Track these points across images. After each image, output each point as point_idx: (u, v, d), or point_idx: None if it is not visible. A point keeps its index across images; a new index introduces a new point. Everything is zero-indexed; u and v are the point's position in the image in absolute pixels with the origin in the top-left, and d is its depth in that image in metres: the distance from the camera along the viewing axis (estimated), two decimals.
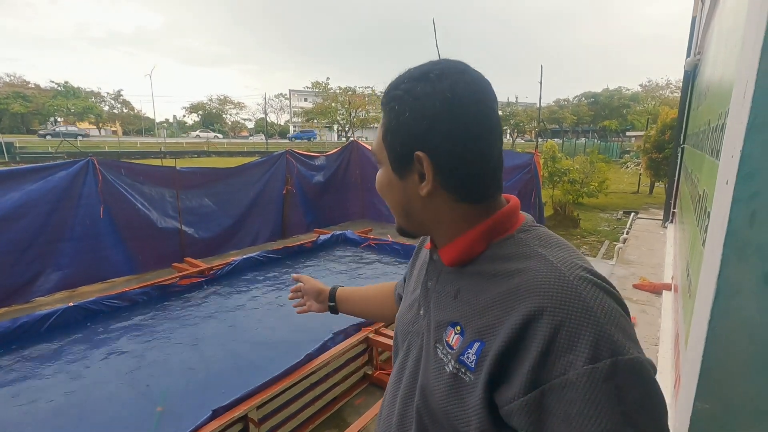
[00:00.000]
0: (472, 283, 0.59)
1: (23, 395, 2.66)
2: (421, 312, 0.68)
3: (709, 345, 0.87)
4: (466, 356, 0.54)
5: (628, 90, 48.45)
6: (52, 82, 46.45)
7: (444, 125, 0.55)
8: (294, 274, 1.18)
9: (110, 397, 2.64)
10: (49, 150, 23.65)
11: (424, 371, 0.62)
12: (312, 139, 47.00)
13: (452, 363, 0.56)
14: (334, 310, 1.13)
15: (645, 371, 0.46)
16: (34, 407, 2.55)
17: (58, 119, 49.86)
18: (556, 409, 0.45)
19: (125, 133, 55.70)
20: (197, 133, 51.75)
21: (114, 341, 3.29)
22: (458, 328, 0.57)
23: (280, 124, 61.30)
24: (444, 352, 0.58)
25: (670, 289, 3.27)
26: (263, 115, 51.16)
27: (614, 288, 0.52)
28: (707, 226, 1.30)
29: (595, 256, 7.19)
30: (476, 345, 0.54)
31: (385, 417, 0.72)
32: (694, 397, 0.89)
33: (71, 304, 3.48)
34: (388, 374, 2.93)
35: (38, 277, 4.34)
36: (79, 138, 34.94)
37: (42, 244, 4.30)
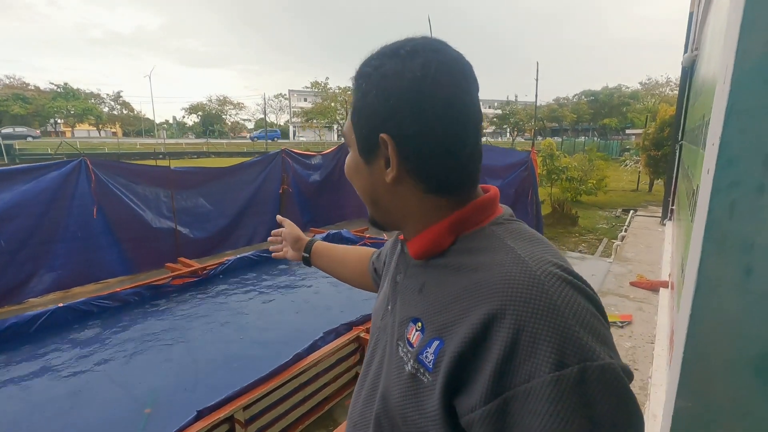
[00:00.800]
0: (436, 277, 0.55)
1: (11, 397, 2.64)
2: (389, 307, 0.64)
3: (690, 341, 0.83)
4: (424, 355, 0.50)
5: (628, 88, 48.38)
6: (52, 83, 46.54)
7: (411, 107, 0.50)
8: (279, 216, 1.15)
9: (98, 399, 2.61)
10: (49, 152, 23.64)
11: (387, 372, 0.58)
12: (276, 139, 43.67)
13: (411, 362, 0.52)
14: (307, 261, 1.09)
15: (618, 379, 0.40)
16: (21, 409, 2.52)
17: (58, 121, 49.97)
18: (519, 421, 0.41)
19: (125, 135, 55.78)
20: (254, 135, 49.99)
21: (104, 342, 3.26)
22: (419, 324, 0.53)
23: (279, 125, 61.30)
24: (405, 350, 0.54)
25: (668, 287, 3.24)
26: (263, 116, 51.12)
27: (588, 285, 0.48)
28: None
29: (593, 254, 7.16)
30: (435, 343, 0.49)
31: (349, 415, 0.69)
32: (675, 396, 0.86)
33: (61, 305, 3.45)
34: None
35: (31, 279, 4.31)
36: (29, 138, 32.53)
37: (35, 245, 4.27)
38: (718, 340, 0.79)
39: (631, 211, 8.35)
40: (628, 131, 40.62)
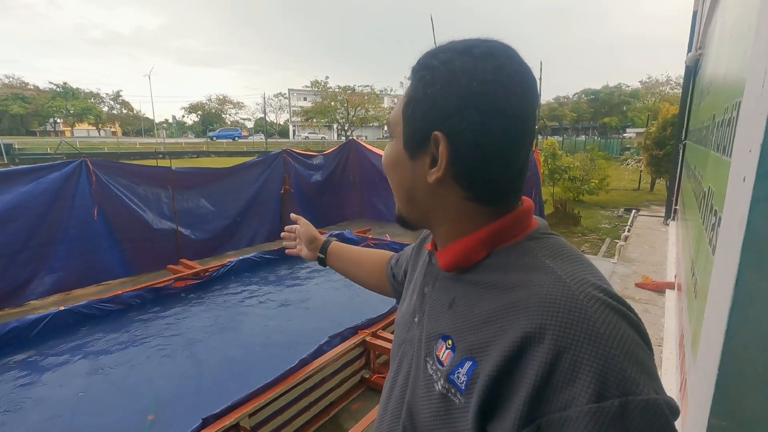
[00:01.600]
0: (468, 293, 0.52)
1: (12, 402, 2.60)
2: (416, 319, 0.62)
3: (726, 357, 0.79)
4: (456, 375, 0.48)
5: (628, 87, 48.35)
6: (51, 83, 46.50)
7: (475, 109, 0.48)
8: (293, 214, 1.14)
9: (100, 405, 2.58)
10: (48, 151, 23.58)
11: (413, 387, 0.56)
12: (237, 138, 41.65)
13: (441, 381, 0.50)
14: (322, 262, 1.06)
15: (662, 416, 0.38)
16: (22, 414, 2.49)
17: (58, 120, 49.89)
18: None
19: (125, 134, 55.74)
20: (306, 134, 48.79)
21: (105, 346, 3.23)
22: (449, 342, 0.51)
23: (279, 124, 61.24)
24: (434, 368, 0.52)
25: (674, 288, 3.20)
26: (262, 115, 51.05)
27: (632, 311, 0.45)
28: (714, 224, 1.23)
29: (596, 254, 7.12)
30: (467, 364, 0.47)
31: (377, 426, 0.67)
32: (708, 414, 0.82)
33: (62, 308, 3.42)
34: (385, 378, 2.87)
35: (32, 281, 4.28)
36: None
37: (35, 246, 4.24)
38: (755, 356, 0.75)
39: (633, 211, 8.31)
40: (628, 130, 40.60)
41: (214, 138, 42.13)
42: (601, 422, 0.37)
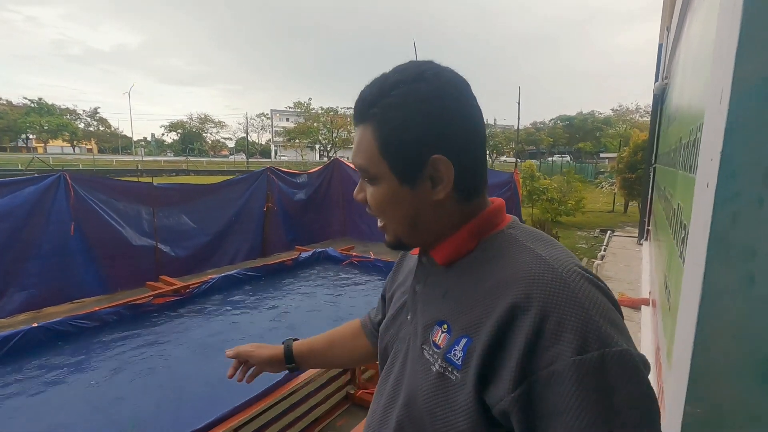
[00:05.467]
0: (460, 281, 0.57)
1: None
2: (409, 317, 0.65)
3: (698, 348, 0.86)
4: (452, 353, 0.53)
5: (601, 114, 50.51)
6: (26, 98, 45.50)
7: (457, 123, 0.55)
8: (228, 351, 0.94)
9: (76, 425, 2.47)
10: (19, 167, 22.85)
11: (410, 375, 0.59)
12: None
13: (439, 362, 0.54)
14: (293, 370, 0.94)
15: (634, 364, 0.44)
16: None
17: (30, 136, 48.54)
18: (543, 403, 0.44)
19: (101, 151, 54.61)
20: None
21: (81, 364, 3.11)
22: (445, 326, 0.56)
23: (261, 144, 61.09)
24: (430, 352, 0.56)
25: (648, 304, 3.32)
26: (244, 134, 50.89)
27: (604, 283, 0.51)
28: (684, 237, 1.33)
29: None
30: (463, 341, 0.52)
31: (368, 425, 0.69)
32: (684, 401, 0.88)
33: (35, 324, 3.29)
34: (371, 394, 2.85)
35: (0, 298, 4.10)
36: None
37: (6, 262, 4.08)
38: (725, 346, 0.82)
39: (609, 232, 8.58)
40: (602, 155, 42.10)
41: None
42: (584, 372, 0.42)
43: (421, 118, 0.54)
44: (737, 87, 0.79)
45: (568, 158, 38.73)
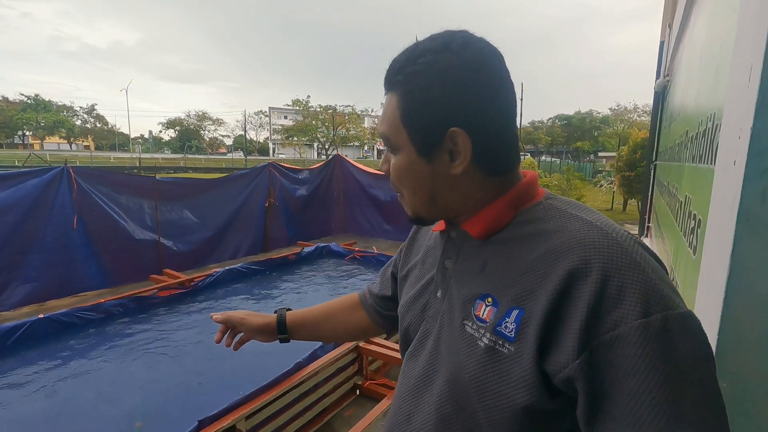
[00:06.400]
0: (501, 252, 0.56)
1: None
2: (439, 294, 0.63)
3: (725, 323, 0.87)
4: (503, 326, 0.51)
5: (599, 113, 50.58)
6: (22, 95, 45.18)
7: (477, 97, 0.53)
8: (215, 315, 0.90)
9: (85, 414, 2.47)
10: (16, 164, 22.74)
11: (449, 353, 0.58)
12: None
13: (487, 336, 0.52)
14: (285, 341, 0.92)
15: (696, 325, 0.45)
16: (3, 423, 2.36)
17: (27, 133, 48.27)
18: (609, 367, 0.43)
19: (98, 149, 54.34)
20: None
21: (88, 355, 3.11)
22: (489, 300, 0.54)
23: (259, 141, 60.95)
24: (474, 327, 0.55)
25: None
26: (242, 132, 50.76)
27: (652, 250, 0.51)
28: (693, 227, 1.34)
29: None
30: (515, 313, 0.51)
31: (397, 410, 0.66)
32: None
33: (41, 315, 3.28)
34: (379, 385, 2.87)
35: (3, 290, 4.09)
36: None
37: (9, 255, 4.07)
38: (753, 320, 0.84)
39: None
40: (600, 154, 42.25)
41: None
42: (649, 335, 0.42)
43: (441, 88, 0.52)
44: None
45: (556, 160, 38.59)
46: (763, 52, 0.80)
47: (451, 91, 0.52)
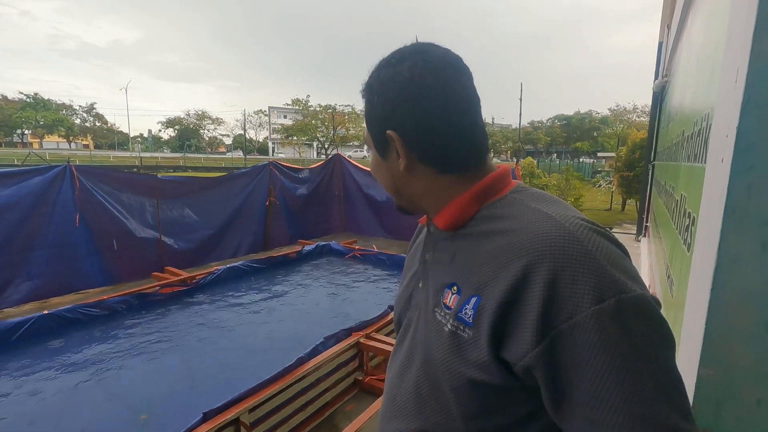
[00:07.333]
0: (467, 245, 0.59)
1: None
2: (420, 285, 0.68)
3: (712, 312, 0.92)
4: (463, 313, 0.54)
5: (598, 114, 50.64)
6: (21, 93, 45.09)
7: (405, 103, 0.59)
8: None
9: (90, 407, 2.51)
10: (16, 163, 22.74)
11: (424, 338, 0.62)
12: None
13: (451, 322, 0.56)
14: None
15: (649, 306, 0.46)
16: (5, 423, 2.40)
17: (26, 131, 48.21)
18: (568, 354, 0.45)
19: (97, 147, 54.26)
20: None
21: (92, 350, 3.15)
22: (455, 288, 0.58)
23: (259, 141, 60.91)
24: (442, 314, 0.58)
25: None
26: (241, 132, 50.74)
27: (610, 232, 0.53)
28: (688, 225, 1.39)
29: None
30: (473, 300, 0.54)
31: (387, 391, 0.71)
32: (698, 363, 0.94)
33: (45, 312, 3.32)
34: (379, 380, 2.91)
35: (6, 287, 4.13)
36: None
37: (12, 252, 4.11)
38: (739, 310, 0.88)
39: (607, 229, 8.67)
40: (599, 154, 42.29)
41: None
42: (604, 319, 0.44)
43: (378, 98, 0.62)
44: (754, 64, 0.84)
45: (557, 160, 38.53)
46: (749, 55, 0.85)
47: (385, 101, 0.61)
